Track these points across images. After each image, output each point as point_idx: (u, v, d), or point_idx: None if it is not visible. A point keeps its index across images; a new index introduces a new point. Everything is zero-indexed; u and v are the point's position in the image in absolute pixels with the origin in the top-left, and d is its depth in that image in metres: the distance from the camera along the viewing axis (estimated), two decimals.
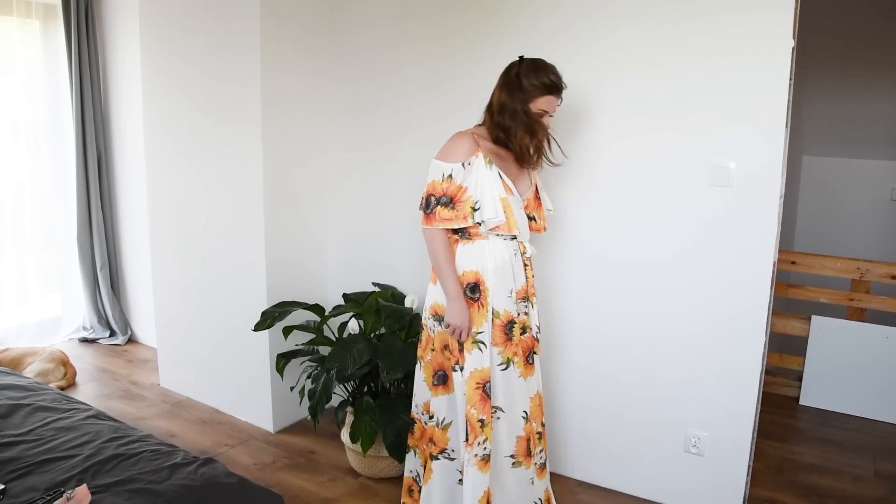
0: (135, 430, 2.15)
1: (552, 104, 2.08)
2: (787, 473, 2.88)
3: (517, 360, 2.14)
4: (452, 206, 2.04)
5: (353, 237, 3.26)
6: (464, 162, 2.04)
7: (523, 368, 2.16)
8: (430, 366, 2.21)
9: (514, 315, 2.12)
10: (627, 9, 2.40)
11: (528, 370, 2.19)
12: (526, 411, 2.15)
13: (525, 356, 2.18)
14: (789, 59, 2.14)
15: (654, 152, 2.43)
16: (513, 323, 2.12)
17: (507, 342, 2.11)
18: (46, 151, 4.15)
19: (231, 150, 3.07)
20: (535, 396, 2.22)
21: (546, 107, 2.07)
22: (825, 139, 4.68)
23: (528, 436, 2.17)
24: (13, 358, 3.56)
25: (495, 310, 2.09)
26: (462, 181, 2.04)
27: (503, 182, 2.07)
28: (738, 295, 2.35)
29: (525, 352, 2.18)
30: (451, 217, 2.05)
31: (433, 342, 2.19)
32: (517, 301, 2.14)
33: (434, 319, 2.17)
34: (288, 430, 3.19)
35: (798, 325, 3.61)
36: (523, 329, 2.17)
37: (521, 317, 2.15)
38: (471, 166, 2.05)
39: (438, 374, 2.18)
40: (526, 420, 2.15)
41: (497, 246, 2.10)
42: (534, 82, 2.03)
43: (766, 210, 2.26)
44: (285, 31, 2.95)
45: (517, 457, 2.16)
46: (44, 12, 4.02)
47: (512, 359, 2.12)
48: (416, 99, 2.92)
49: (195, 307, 3.40)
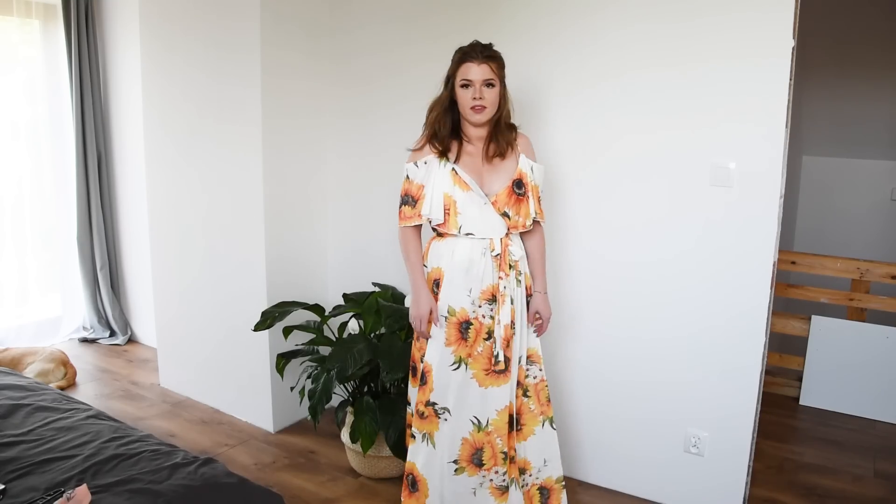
0: (135, 430, 2.15)
1: (469, 70, 2.01)
2: (787, 473, 2.88)
3: (472, 362, 2.08)
4: (413, 205, 2.13)
5: (353, 237, 3.26)
6: (417, 161, 2.12)
7: (482, 376, 2.08)
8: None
9: (470, 315, 2.08)
10: (627, 9, 2.40)
11: (490, 379, 2.08)
12: (477, 418, 2.09)
13: (490, 364, 2.08)
14: (789, 59, 2.14)
15: (653, 152, 2.43)
16: (468, 323, 2.07)
17: (460, 341, 2.08)
18: (46, 151, 4.15)
19: (231, 150, 3.07)
20: (502, 410, 2.10)
21: (465, 75, 2.02)
22: (825, 139, 4.68)
23: (477, 444, 2.10)
24: (13, 358, 3.56)
25: (450, 307, 2.08)
26: (421, 180, 2.11)
27: (458, 179, 2.06)
28: (739, 295, 2.35)
29: (489, 358, 2.08)
30: (412, 215, 2.13)
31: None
32: (482, 303, 2.08)
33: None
34: (288, 430, 3.19)
35: (798, 325, 3.61)
36: (489, 334, 2.08)
37: (484, 319, 2.08)
38: (427, 165, 2.11)
39: (412, 366, 2.23)
40: (477, 428, 2.10)
41: (459, 244, 2.09)
42: (453, 58, 2.08)
43: (766, 210, 2.26)
44: (285, 32, 2.95)
45: (460, 462, 2.12)
46: (44, 12, 4.02)
47: (465, 360, 2.08)
48: (417, 100, 2.89)
49: (195, 307, 3.40)
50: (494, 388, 2.09)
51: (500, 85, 2.06)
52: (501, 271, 2.08)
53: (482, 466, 2.11)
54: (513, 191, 2.09)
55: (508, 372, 2.10)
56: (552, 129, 2.61)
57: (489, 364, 2.09)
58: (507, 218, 2.09)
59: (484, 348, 2.09)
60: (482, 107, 2.03)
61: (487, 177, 2.11)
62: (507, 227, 2.10)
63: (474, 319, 2.09)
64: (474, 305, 2.09)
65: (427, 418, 2.12)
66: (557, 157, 2.60)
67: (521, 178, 2.11)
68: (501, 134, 2.10)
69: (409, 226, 2.15)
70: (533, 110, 2.61)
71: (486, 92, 2.02)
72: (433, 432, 2.13)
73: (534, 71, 2.60)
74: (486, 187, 2.10)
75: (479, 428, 2.10)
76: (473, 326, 2.08)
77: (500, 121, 2.10)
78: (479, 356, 2.09)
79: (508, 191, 2.09)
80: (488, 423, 2.10)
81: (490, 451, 2.11)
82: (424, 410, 2.13)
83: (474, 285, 2.08)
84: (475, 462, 2.12)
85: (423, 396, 2.13)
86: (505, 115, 2.11)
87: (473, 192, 2.06)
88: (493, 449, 2.11)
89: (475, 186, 2.07)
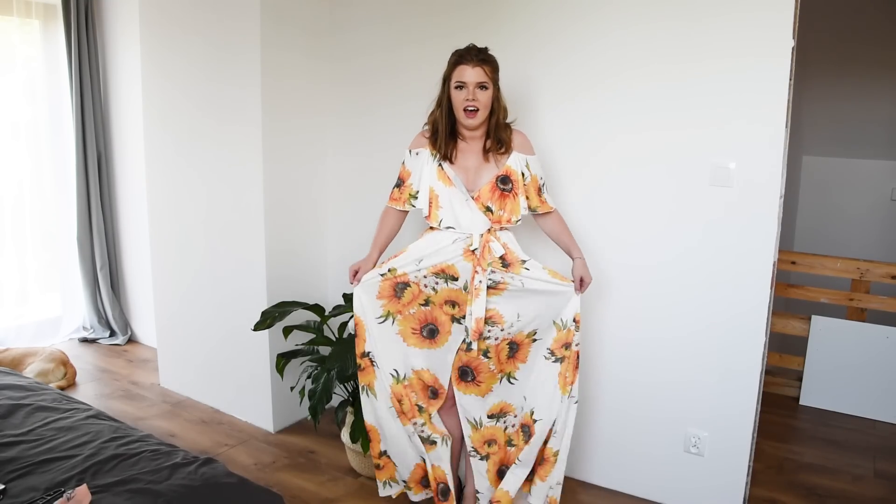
0: (135, 430, 2.15)
1: (463, 72, 2.08)
2: (787, 473, 2.88)
3: (401, 319, 2.23)
4: (400, 189, 2.28)
5: (352, 237, 3.25)
6: (411, 150, 2.25)
7: (408, 333, 2.24)
8: None
9: (410, 279, 2.19)
10: (627, 8, 2.40)
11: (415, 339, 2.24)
12: (397, 371, 2.26)
13: (421, 326, 2.23)
14: (789, 59, 2.15)
15: (653, 152, 2.43)
16: (405, 285, 2.21)
17: (392, 298, 2.23)
18: (46, 151, 4.15)
19: (231, 150, 3.07)
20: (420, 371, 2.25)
21: (459, 77, 2.08)
22: (825, 139, 4.68)
23: (397, 395, 2.26)
24: (13, 358, 3.56)
25: (392, 268, 2.21)
26: (410, 167, 2.26)
27: (443, 174, 2.16)
28: (739, 295, 2.35)
29: (422, 322, 2.23)
30: (397, 198, 2.29)
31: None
32: (428, 274, 2.17)
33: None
34: (288, 430, 3.19)
35: (798, 325, 3.61)
36: (426, 302, 2.21)
37: (426, 289, 2.20)
38: (418, 156, 2.23)
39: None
40: (396, 380, 2.26)
41: (440, 236, 2.18)
42: (449, 61, 2.14)
43: (766, 210, 2.26)
44: (285, 32, 2.95)
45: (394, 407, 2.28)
46: (44, 12, 4.02)
47: (394, 315, 2.24)
48: (417, 100, 2.90)
49: (195, 307, 3.40)
50: (416, 349, 2.25)
51: (494, 88, 2.12)
52: (479, 265, 2.12)
53: (406, 415, 2.28)
54: (496, 186, 2.16)
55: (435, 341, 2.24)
56: (551, 129, 2.61)
57: (419, 326, 2.24)
58: (491, 213, 2.15)
59: (417, 311, 2.23)
60: (475, 108, 2.09)
61: (476, 174, 2.18)
62: (491, 222, 2.15)
63: (414, 283, 2.21)
64: (419, 273, 2.18)
65: (365, 370, 2.27)
66: (556, 158, 2.60)
67: (507, 174, 2.17)
68: (497, 134, 2.16)
69: (391, 207, 2.30)
70: (531, 110, 2.61)
71: (480, 94, 2.09)
72: (372, 382, 2.28)
73: (533, 71, 2.60)
74: (473, 184, 2.17)
75: (398, 380, 2.27)
76: (411, 289, 2.21)
77: (496, 123, 2.16)
78: (411, 316, 2.24)
79: (492, 186, 2.15)
80: (405, 377, 2.27)
81: (408, 402, 2.28)
82: (361, 362, 2.27)
83: (427, 258, 2.17)
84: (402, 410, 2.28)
85: (359, 349, 2.27)
86: (500, 117, 2.17)
87: (455, 188, 2.15)
88: (409, 401, 2.28)
89: (458, 183, 2.15)
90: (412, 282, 2.20)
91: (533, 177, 2.21)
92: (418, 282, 2.20)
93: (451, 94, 2.12)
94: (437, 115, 2.18)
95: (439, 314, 2.22)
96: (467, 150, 2.19)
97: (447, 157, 2.17)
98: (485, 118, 2.13)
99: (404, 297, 2.22)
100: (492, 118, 2.15)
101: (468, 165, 2.19)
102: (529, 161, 2.21)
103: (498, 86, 2.14)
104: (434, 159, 2.19)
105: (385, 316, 2.24)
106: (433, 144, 2.20)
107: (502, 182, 2.16)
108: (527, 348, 2.23)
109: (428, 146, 2.21)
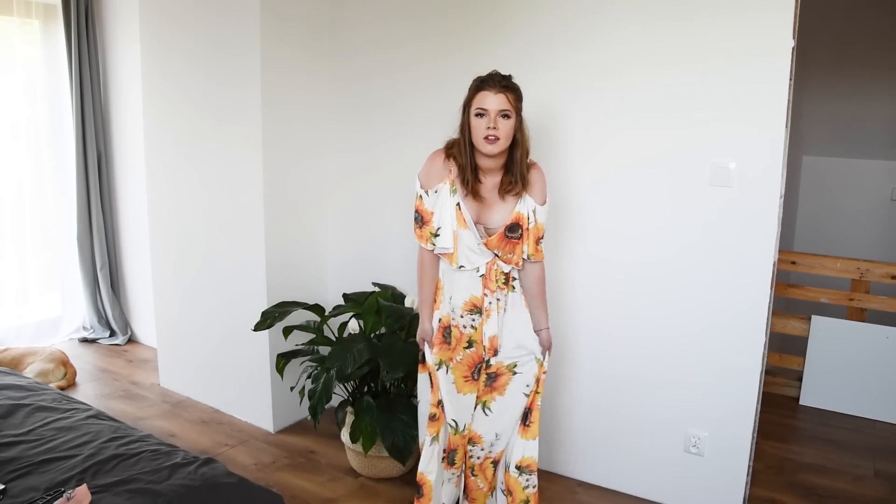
0: (135, 430, 2.15)
1: (484, 99, 1.95)
2: (787, 473, 2.88)
3: (453, 367, 2.15)
4: (421, 227, 2.12)
5: (353, 237, 3.26)
6: (428, 189, 2.08)
7: (462, 383, 2.15)
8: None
9: (451, 322, 2.14)
10: (627, 8, 2.40)
11: (469, 386, 2.15)
12: (455, 421, 2.17)
13: (471, 371, 2.14)
14: (789, 59, 2.15)
15: (653, 152, 2.43)
16: (449, 329, 2.14)
17: (442, 344, 2.16)
18: (46, 151, 4.15)
19: (231, 149, 3.06)
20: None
21: (480, 103, 1.95)
22: (825, 139, 4.68)
23: (452, 445, 2.20)
24: (13, 358, 3.56)
25: (441, 317, 2.16)
26: (430, 207, 2.09)
27: (460, 215, 2.04)
28: (739, 295, 2.35)
29: (470, 366, 2.14)
30: (419, 236, 2.13)
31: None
32: (463, 313, 2.11)
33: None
34: (288, 430, 3.19)
35: (798, 325, 3.61)
36: (469, 343, 2.13)
37: (465, 329, 2.12)
38: (437, 194, 2.07)
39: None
40: (454, 430, 2.18)
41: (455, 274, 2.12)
42: (470, 87, 2.02)
43: (766, 210, 2.26)
44: (285, 30, 2.94)
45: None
46: (44, 12, 4.02)
47: (447, 363, 2.16)
48: (417, 99, 2.92)
49: (195, 307, 3.40)
50: (473, 395, 2.17)
51: (517, 117, 1.98)
52: (486, 288, 2.10)
53: (454, 465, 2.23)
54: (505, 236, 2.06)
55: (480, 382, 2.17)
56: (550, 129, 2.61)
57: (468, 372, 2.15)
58: (498, 257, 2.10)
59: (464, 357, 2.14)
60: (496, 137, 1.95)
61: (488, 213, 2.07)
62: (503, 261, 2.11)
63: (454, 327, 2.14)
64: (454, 314, 2.13)
65: (438, 419, 2.16)
66: (555, 158, 2.59)
67: (517, 221, 2.07)
68: (516, 168, 2.03)
69: (425, 248, 2.13)
70: (532, 110, 2.61)
71: (501, 123, 1.95)
72: (440, 432, 2.17)
73: (533, 71, 2.59)
74: (484, 220, 2.08)
75: (456, 431, 2.19)
76: (454, 333, 2.14)
77: (517, 155, 2.02)
78: (460, 364, 2.15)
79: (500, 236, 2.06)
80: (465, 428, 2.19)
81: (461, 453, 2.22)
82: (436, 411, 2.16)
83: (455, 296, 2.12)
84: (449, 461, 2.23)
85: (434, 398, 2.17)
86: (522, 151, 2.03)
87: (470, 232, 2.05)
88: (464, 451, 2.22)
89: (472, 226, 2.05)
90: (453, 325, 2.13)
91: (538, 227, 2.09)
92: (457, 324, 2.13)
93: (471, 123, 1.97)
94: (459, 144, 2.03)
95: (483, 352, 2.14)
96: (484, 187, 2.06)
97: (472, 191, 2.04)
98: (505, 148, 1.99)
99: (451, 341, 2.14)
100: (513, 151, 2.01)
101: (483, 202, 2.07)
102: (538, 210, 2.08)
103: (521, 116, 2.00)
104: (453, 196, 2.05)
105: (439, 364, 2.16)
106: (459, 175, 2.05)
107: (510, 231, 2.06)
108: (506, 378, 2.15)
109: (446, 179, 2.05)
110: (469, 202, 2.06)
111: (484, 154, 2.00)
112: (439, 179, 2.06)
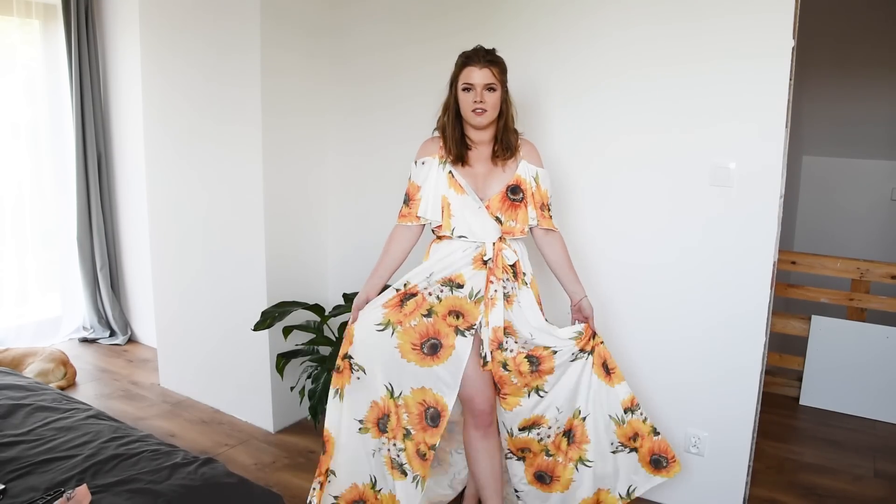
0: (135, 430, 2.15)
1: (470, 74, 2.03)
2: (787, 473, 2.88)
3: (401, 332, 2.08)
4: (409, 204, 2.18)
5: (353, 237, 3.26)
6: (417, 160, 2.16)
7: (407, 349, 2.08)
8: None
9: (419, 289, 2.12)
10: (627, 9, 2.40)
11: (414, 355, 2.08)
12: (392, 384, 2.11)
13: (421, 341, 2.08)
14: (789, 59, 2.14)
15: (653, 152, 2.43)
16: (412, 295, 2.12)
17: (395, 307, 2.12)
18: (46, 151, 4.15)
19: (231, 150, 3.07)
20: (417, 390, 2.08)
21: (467, 79, 2.04)
22: (825, 139, 4.68)
23: (385, 409, 2.13)
24: (13, 358, 3.56)
25: (407, 282, 2.14)
26: (419, 180, 2.16)
27: (454, 181, 2.10)
28: (739, 295, 2.35)
29: (423, 336, 2.08)
30: (406, 214, 2.18)
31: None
32: (436, 284, 2.11)
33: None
34: (288, 430, 3.19)
35: (798, 325, 3.61)
36: (428, 312, 2.10)
37: (430, 297, 2.10)
38: (424, 165, 2.15)
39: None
40: (389, 394, 2.12)
41: (453, 246, 2.12)
42: (456, 62, 2.10)
43: (767, 210, 2.26)
44: (285, 32, 2.94)
45: (365, 422, 2.16)
46: (44, 12, 4.02)
47: (394, 325, 2.10)
48: (417, 100, 2.92)
49: (195, 307, 3.40)
50: (415, 365, 2.08)
51: (502, 89, 2.07)
52: (493, 276, 2.08)
53: (385, 433, 2.14)
54: (506, 196, 2.10)
55: (437, 357, 2.07)
56: (550, 129, 2.61)
57: (419, 341, 2.09)
58: (500, 223, 2.10)
59: (419, 324, 2.09)
60: (483, 110, 2.04)
61: (485, 181, 2.13)
62: (501, 231, 2.11)
63: (419, 292, 2.12)
64: (428, 283, 2.12)
65: (342, 372, 2.16)
66: (556, 159, 2.59)
67: (517, 183, 2.12)
68: (505, 138, 2.11)
69: (401, 224, 2.20)
70: (532, 111, 2.61)
71: (488, 96, 2.04)
72: (344, 385, 2.16)
73: (533, 71, 2.60)
74: (483, 191, 2.12)
75: (391, 395, 2.13)
76: (415, 299, 2.12)
77: (505, 124, 2.11)
78: (411, 329, 2.10)
79: (502, 195, 2.10)
80: (400, 395, 2.12)
81: (395, 420, 2.13)
82: (340, 364, 2.16)
83: (437, 273, 2.12)
84: (380, 427, 2.15)
85: (343, 349, 2.17)
86: (509, 120, 2.11)
87: (468, 196, 2.09)
88: (398, 420, 2.13)
89: (469, 190, 2.09)
90: (420, 292, 2.12)
91: (543, 192, 2.15)
92: (423, 292, 2.12)
93: (459, 97, 2.07)
94: (444, 120, 2.12)
95: (442, 326, 2.08)
96: (475, 157, 2.13)
97: (460, 158, 2.10)
98: (493, 119, 2.08)
99: (407, 306, 2.11)
100: (500, 121, 2.10)
101: (477, 171, 2.13)
102: (539, 174, 2.15)
103: (506, 87, 2.09)
104: (443, 167, 2.12)
105: (385, 325, 2.10)
106: (445, 148, 2.12)
107: (512, 192, 2.11)
108: (549, 361, 2.12)
109: (435, 153, 2.14)
110: (462, 172, 2.12)
111: (473, 126, 2.09)
112: (428, 153, 2.16)
